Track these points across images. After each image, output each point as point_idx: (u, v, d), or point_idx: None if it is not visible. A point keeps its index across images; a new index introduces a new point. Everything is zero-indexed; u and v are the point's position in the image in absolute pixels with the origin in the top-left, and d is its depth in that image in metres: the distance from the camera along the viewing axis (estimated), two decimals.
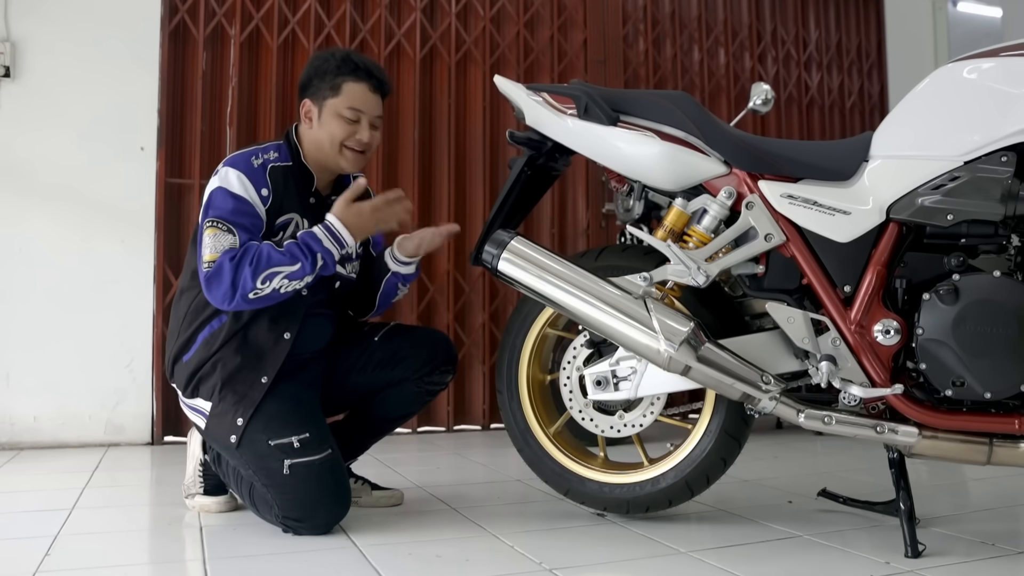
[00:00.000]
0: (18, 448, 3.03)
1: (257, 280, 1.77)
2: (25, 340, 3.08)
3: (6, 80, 3.11)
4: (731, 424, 1.84)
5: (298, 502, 1.80)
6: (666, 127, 1.79)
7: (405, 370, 2.06)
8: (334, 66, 1.93)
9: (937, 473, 2.56)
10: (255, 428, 1.82)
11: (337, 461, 1.87)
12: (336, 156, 1.94)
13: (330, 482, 1.83)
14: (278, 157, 1.93)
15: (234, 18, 3.35)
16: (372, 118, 1.96)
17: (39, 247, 3.11)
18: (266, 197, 1.87)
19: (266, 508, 1.85)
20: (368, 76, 1.95)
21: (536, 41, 3.83)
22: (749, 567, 1.58)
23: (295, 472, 1.80)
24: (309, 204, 1.96)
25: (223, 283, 1.77)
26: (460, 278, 3.62)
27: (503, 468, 2.67)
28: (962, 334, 1.56)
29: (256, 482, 1.85)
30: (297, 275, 1.80)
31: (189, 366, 1.92)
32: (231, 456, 1.89)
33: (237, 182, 1.84)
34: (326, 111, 1.93)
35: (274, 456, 1.80)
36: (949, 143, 1.60)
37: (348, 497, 1.87)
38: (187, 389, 1.94)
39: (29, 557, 1.65)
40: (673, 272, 1.76)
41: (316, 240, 1.83)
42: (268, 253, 1.79)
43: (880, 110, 4.51)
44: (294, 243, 1.82)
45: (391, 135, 3.56)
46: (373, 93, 1.96)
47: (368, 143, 1.96)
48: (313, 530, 1.82)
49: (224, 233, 1.80)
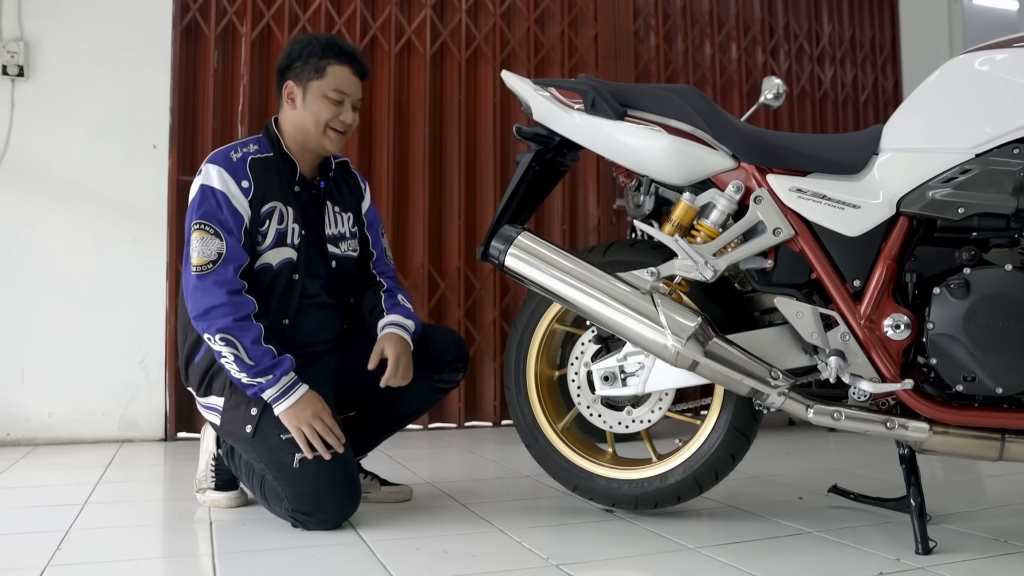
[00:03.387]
0: (33, 444, 3.06)
1: (219, 335, 1.81)
2: (40, 337, 3.11)
3: (20, 80, 3.13)
4: (740, 420, 1.83)
5: (308, 496, 1.81)
6: (673, 121, 1.79)
7: (416, 368, 2.06)
8: (319, 49, 1.99)
9: (951, 469, 2.53)
10: (267, 422, 1.84)
11: (348, 456, 1.88)
12: (320, 137, 1.99)
13: (341, 476, 1.84)
14: (258, 149, 1.99)
15: (245, 16, 3.37)
16: (354, 100, 2.03)
17: (53, 245, 3.14)
18: (247, 189, 1.91)
19: (276, 501, 1.86)
20: (352, 60, 2.02)
21: (546, 37, 3.82)
22: (759, 563, 1.57)
23: (305, 466, 1.81)
24: (294, 192, 2.01)
25: (204, 304, 1.83)
26: (471, 275, 3.62)
27: (513, 464, 2.67)
28: (973, 329, 1.54)
29: (267, 475, 1.86)
30: (244, 366, 1.81)
31: (201, 366, 1.95)
32: (245, 448, 1.90)
33: (218, 178, 1.89)
34: (311, 93, 1.99)
35: (285, 450, 1.82)
36: (960, 135, 1.58)
37: (358, 492, 1.88)
38: (200, 388, 1.96)
39: (42, 551, 1.67)
40: (681, 267, 1.75)
41: (276, 377, 1.82)
42: (250, 328, 1.82)
43: (894, 104, 4.46)
44: (271, 354, 1.83)
45: (402, 131, 3.57)
46: (355, 77, 2.03)
47: (350, 124, 2.02)
48: (322, 524, 1.82)
49: (212, 237, 1.86)
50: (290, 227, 1.97)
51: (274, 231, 1.94)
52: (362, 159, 3.48)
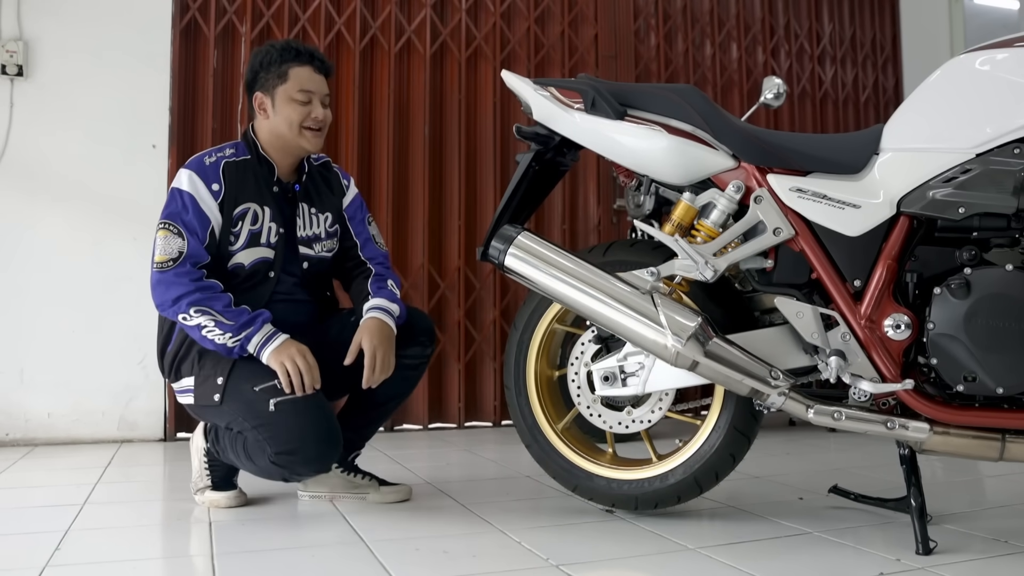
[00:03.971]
0: (32, 444, 3.06)
1: (192, 308, 1.88)
2: (39, 337, 3.10)
3: (19, 79, 3.13)
4: (740, 420, 1.83)
5: (287, 433, 1.84)
6: (673, 121, 1.78)
7: None
8: (277, 56, 2.03)
9: (952, 470, 2.53)
10: (239, 378, 1.90)
11: (323, 401, 1.92)
12: (297, 138, 2.03)
13: (317, 415, 1.87)
14: (235, 153, 2.04)
15: (245, 16, 3.36)
16: (322, 96, 2.06)
17: (52, 245, 3.14)
18: (217, 192, 1.97)
19: (260, 455, 1.88)
20: (311, 59, 2.05)
21: (547, 37, 3.82)
22: (759, 564, 1.57)
23: (281, 408, 1.85)
24: (272, 193, 2.05)
25: (169, 294, 1.90)
26: (471, 274, 3.61)
27: (513, 464, 2.67)
28: (974, 329, 1.54)
29: (247, 430, 1.89)
30: (224, 327, 1.88)
31: (171, 354, 2.03)
32: (222, 417, 1.94)
33: (188, 181, 1.96)
34: (279, 99, 2.02)
35: (260, 399, 1.87)
36: (961, 135, 1.58)
37: (337, 436, 1.90)
38: (172, 374, 2.03)
39: (40, 551, 1.67)
40: (681, 267, 1.75)
41: (258, 327, 1.90)
42: (218, 296, 1.91)
43: (895, 104, 4.45)
44: (246, 311, 1.92)
45: (402, 131, 3.56)
46: (318, 74, 2.06)
47: (323, 120, 2.05)
48: (306, 463, 1.86)
49: (174, 236, 1.93)
50: (266, 226, 2.01)
51: (246, 232, 1.99)
52: (362, 159, 3.48)
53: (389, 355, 1.99)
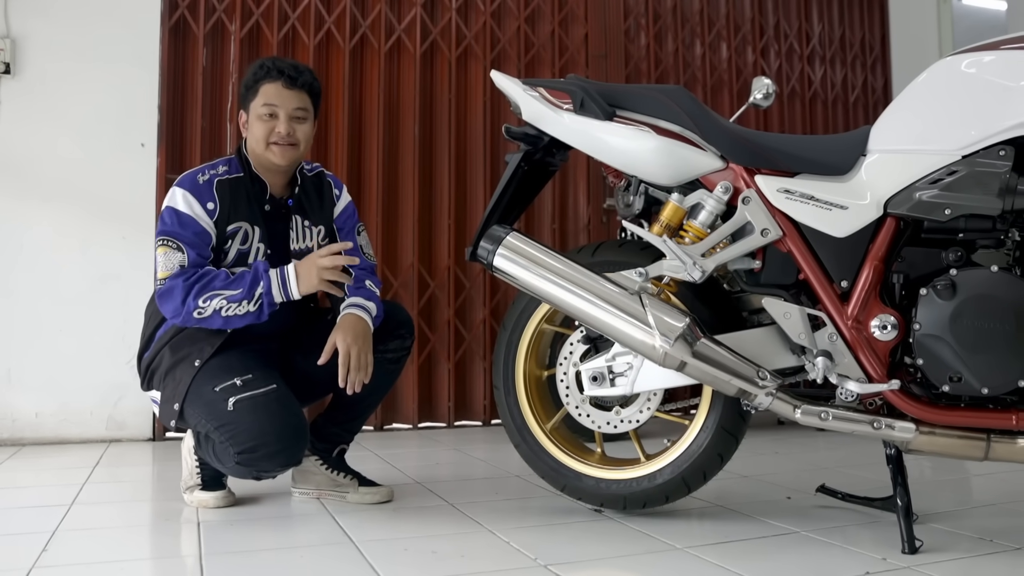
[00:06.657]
0: (20, 444, 3.04)
1: (199, 299, 1.90)
2: (27, 336, 3.09)
3: (6, 77, 3.11)
4: (728, 420, 1.84)
5: (246, 431, 1.84)
6: (662, 121, 1.79)
7: None
8: (252, 75, 2.05)
9: (939, 469, 2.54)
10: (201, 382, 1.91)
11: (285, 394, 1.92)
12: (265, 153, 2.03)
13: (277, 409, 1.88)
14: (227, 170, 2.05)
15: (234, 14, 3.35)
16: (290, 111, 2.02)
17: (40, 243, 3.12)
18: (212, 210, 1.98)
19: (227, 456, 1.89)
20: (279, 74, 2.02)
21: (537, 36, 3.82)
22: (746, 563, 1.58)
23: (239, 407, 1.86)
24: (264, 211, 2.05)
25: (174, 300, 1.91)
26: (461, 274, 3.61)
27: (502, 464, 2.67)
28: (959, 329, 1.55)
29: (211, 432, 1.90)
30: (236, 298, 1.91)
31: (145, 362, 2.06)
32: (189, 422, 1.96)
33: (182, 200, 1.97)
34: (251, 115, 2.05)
35: (219, 398, 1.88)
36: (947, 137, 1.59)
37: (302, 426, 1.91)
38: (144, 382, 2.07)
39: (27, 552, 1.66)
40: (669, 267, 1.76)
41: (266, 277, 1.93)
42: (214, 276, 1.92)
43: (884, 104, 4.48)
44: (246, 271, 1.95)
45: (392, 130, 3.56)
46: (288, 88, 2.02)
47: (288, 134, 2.01)
48: (270, 459, 1.86)
49: (174, 251, 1.94)
50: (254, 247, 2.02)
51: (235, 251, 2.01)
52: (351, 158, 3.47)
53: (365, 353, 1.97)
